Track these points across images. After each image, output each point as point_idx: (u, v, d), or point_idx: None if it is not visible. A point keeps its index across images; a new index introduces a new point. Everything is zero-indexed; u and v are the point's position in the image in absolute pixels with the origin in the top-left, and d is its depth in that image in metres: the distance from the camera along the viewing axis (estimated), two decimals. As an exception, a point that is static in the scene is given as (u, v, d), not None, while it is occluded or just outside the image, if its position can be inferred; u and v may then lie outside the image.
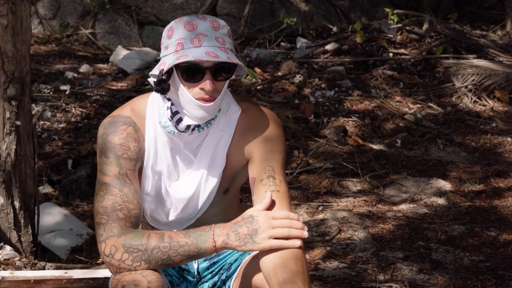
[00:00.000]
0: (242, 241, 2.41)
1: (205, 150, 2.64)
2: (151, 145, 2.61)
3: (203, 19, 2.51)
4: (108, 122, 2.62)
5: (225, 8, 9.23)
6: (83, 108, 6.40)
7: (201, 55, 2.42)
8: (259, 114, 2.69)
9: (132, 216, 2.49)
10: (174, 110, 2.54)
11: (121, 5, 9.25)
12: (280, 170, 2.63)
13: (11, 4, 3.62)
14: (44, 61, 7.94)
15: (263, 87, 7.18)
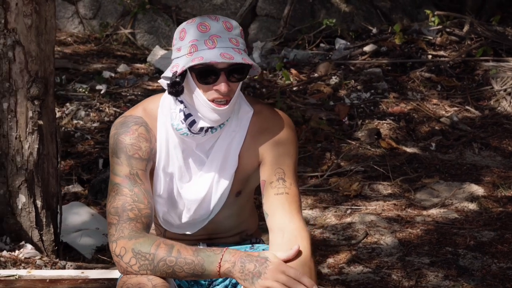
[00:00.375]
0: (244, 276, 2.37)
1: (217, 151, 2.61)
2: (162, 146, 2.60)
3: (216, 20, 2.49)
4: (120, 123, 2.62)
5: (265, 8, 9.20)
6: (117, 107, 6.43)
7: (215, 57, 2.40)
8: (272, 117, 2.66)
9: (143, 216, 2.47)
10: (187, 112, 2.52)
11: (161, 5, 9.28)
12: (291, 173, 2.60)
13: (35, 4, 3.64)
14: (83, 61, 7.99)
15: (298, 89, 7.14)
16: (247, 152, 2.62)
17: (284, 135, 2.64)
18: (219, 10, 9.23)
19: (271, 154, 2.61)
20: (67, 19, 9.10)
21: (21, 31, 3.62)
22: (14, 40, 3.62)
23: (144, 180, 2.54)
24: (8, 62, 3.63)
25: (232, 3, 9.28)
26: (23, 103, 3.65)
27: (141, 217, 2.46)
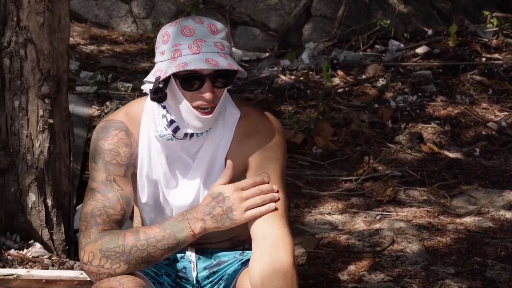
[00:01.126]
0: (220, 222, 2.36)
1: (204, 155, 2.55)
2: (144, 151, 2.55)
3: (200, 23, 2.41)
4: (101, 127, 2.58)
5: (320, 9, 9.09)
6: (157, 107, 6.40)
7: (200, 63, 2.33)
8: (259, 120, 2.59)
9: (112, 221, 2.43)
10: (169, 118, 2.46)
11: (214, 4, 9.24)
12: (276, 178, 2.52)
13: (48, 2, 3.62)
14: (131, 60, 8.01)
15: (343, 90, 7.01)
16: (234, 157, 2.55)
17: (271, 139, 2.56)
18: (273, 10, 9.15)
19: (257, 159, 2.54)
20: (120, 18, 9.14)
21: (33, 29, 3.61)
22: (26, 38, 3.60)
23: (123, 185, 2.50)
24: (19, 60, 3.62)
25: (286, 3, 9.18)
26: (35, 101, 3.64)
27: (110, 222, 2.42)
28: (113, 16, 9.11)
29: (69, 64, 7.36)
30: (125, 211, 2.47)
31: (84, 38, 8.42)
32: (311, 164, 5.66)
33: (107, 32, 8.79)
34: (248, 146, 2.54)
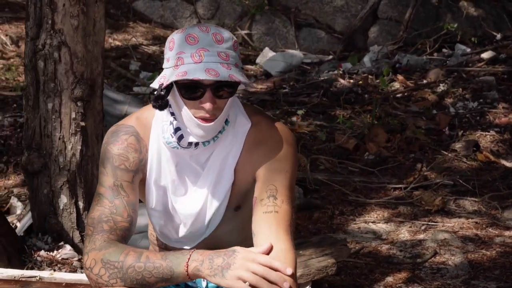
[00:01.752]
0: (213, 271, 2.24)
1: (213, 164, 2.49)
2: (154, 157, 2.51)
3: (206, 31, 2.34)
4: (111, 132, 2.55)
5: (386, 11, 8.95)
6: (210, 109, 6.38)
7: (199, 73, 2.26)
8: (269, 130, 2.51)
9: (119, 228, 2.39)
10: (176, 125, 2.41)
11: (280, 6, 9.20)
12: (284, 190, 2.44)
13: (82, 6, 3.63)
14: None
15: (402, 95, 6.88)
16: (243, 166, 2.49)
17: (280, 150, 2.48)
18: (339, 12, 9.06)
19: (265, 170, 2.46)
20: (185, 19, 9.18)
21: (67, 32, 3.63)
22: (60, 41, 3.62)
23: (129, 191, 2.45)
24: (53, 62, 3.64)
25: (353, 5, 9.08)
26: (68, 104, 3.65)
27: (116, 229, 2.38)
28: (177, 16, 9.15)
29: (130, 64, 7.48)
30: (132, 218, 2.43)
31: (147, 39, 8.47)
32: (361, 170, 5.57)
33: (170, 33, 8.79)
34: (256, 156, 2.47)
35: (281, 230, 2.37)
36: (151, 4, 9.23)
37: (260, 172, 2.46)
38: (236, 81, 2.29)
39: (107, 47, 8.11)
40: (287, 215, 2.40)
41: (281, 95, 6.86)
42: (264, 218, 2.38)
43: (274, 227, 2.36)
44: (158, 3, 9.22)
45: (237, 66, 2.34)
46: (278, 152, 2.46)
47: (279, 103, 6.68)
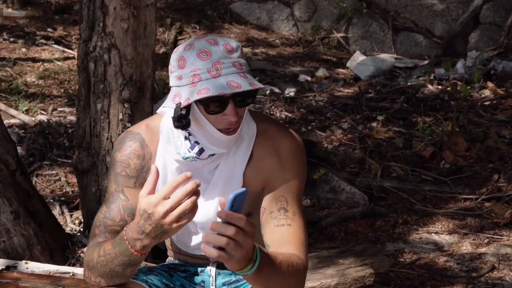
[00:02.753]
0: (158, 237, 2.11)
1: (221, 171, 2.50)
2: (159, 166, 2.52)
3: (215, 44, 2.34)
4: (119, 138, 2.59)
5: (489, 16, 8.71)
6: (289, 112, 6.38)
7: (222, 87, 2.25)
8: (277, 137, 2.50)
9: (108, 231, 2.42)
10: (193, 140, 2.42)
11: (379, 9, 9.10)
12: (294, 201, 2.42)
13: (133, 9, 3.70)
14: (284, 63, 8.04)
15: (491, 103, 6.68)
16: (251, 174, 2.48)
17: (289, 159, 2.46)
18: (439, 16, 8.88)
19: (274, 180, 2.45)
20: (281, 21, 9.20)
21: (117, 35, 3.70)
22: (110, 43, 3.70)
23: (130, 196, 2.48)
24: (103, 64, 3.72)
25: (453, 9, 8.89)
26: (116, 105, 3.73)
27: (106, 232, 2.41)
28: (274, 19, 9.18)
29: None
30: (125, 222, 2.43)
31: (240, 41, 8.54)
32: (434, 179, 5.44)
33: (265, 35, 8.88)
34: (265, 165, 2.46)
35: (296, 243, 2.35)
36: (248, 6, 9.30)
37: (269, 182, 2.45)
38: (257, 88, 2.29)
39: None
40: (300, 228, 2.38)
41: (364, 100, 6.78)
42: (277, 231, 2.37)
43: (290, 241, 2.35)
44: (255, 5, 9.28)
45: (249, 73, 2.34)
46: (287, 162, 2.45)
47: (361, 108, 6.61)
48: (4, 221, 3.52)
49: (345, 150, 5.85)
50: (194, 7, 9.27)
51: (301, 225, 2.37)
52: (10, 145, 3.56)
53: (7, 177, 3.50)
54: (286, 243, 2.35)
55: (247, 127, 2.49)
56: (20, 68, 7.28)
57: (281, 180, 2.43)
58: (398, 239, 4.63)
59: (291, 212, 2.38)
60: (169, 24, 8.72)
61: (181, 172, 2.46)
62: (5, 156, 3.51)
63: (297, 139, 2.52)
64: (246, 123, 2.49)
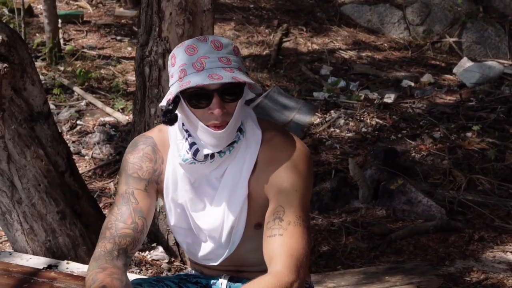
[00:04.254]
0: None
1: (228, 177, 2.47)
2: (170, 175, 2.53)
3: (204, 41, 2.34)
4: (132, 142, 2.61)
5: None
6: (381, 119, 6.24)
7: (203, 79, 2.26)
8: (282, 147, 2.44)
9: (118, 235, 2.42)
10: (191, 141, 2.42)
11: (496, 14, 8.78)
12: (292, 211, 2.34)
13: (188, 15, 3.70)
14: (388, 68, 7.88)
15: None
16: (256, 182, 2.44)
17: (291, 169, 2.40)
18: (560, 21, 8.48)
19: (274, 191, 2.40)
20: (392, 24, 9.02)
21: (172, 40, 3.71)
22: (165, 48, 3.72)
23: (140, 199, 2.48)
24: (158, 69, 3.74)
25: None
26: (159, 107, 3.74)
27: (115, 236, 2.40)
28: (385, 22, 9.01)
29: (321, 69, 7.47)
30: (137, 224, 2.44)
31: (346, 43, 8.43)
32: (526, 195, 5.20)
33: (373, 38, 8.72)
34: (268, 174, 2.40)
35: (283, 253, 2.27)
36: (359, 8, 9.17)
37: (270, 192, 2.40)
38: (240, 81, 2.25)
39: (302, 50, 8.19)
40: (292, 238, 2.29)
41: (463, 109, 6.55)
42: (269, 243, 2.30)
43: (277, 252, 2.28)
44: (367, 7, 9.14)
45: (240, 69, 2.31)
46: (289, 171, 2.39)
47: (457, 117, 6.38)
48: (50, 221, 3.59)
49: (433, 160, 5.67)
50: (304, 8, 9.22)
51: (296, 235, 2.27)
52: (61, 146, 3.63)
53: (55, 178, 3.58)
54: (275, 255, 2.26)
55: (252, 134, 2.44)
56: (123, 67, 7.45)
57: (280, 191, 2.37)
58: (469, 257, 4.44)
59: (285, 222, 2.30)
60: (276, 25, 8.71)
61: (192, 177, 2.45)
62: (55, 157, 3.59)
63: (300, 149, 2.44)
64: (252, 130, 2.45)
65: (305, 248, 2.29)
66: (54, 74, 7.23)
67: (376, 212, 4.98)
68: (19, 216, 3.58)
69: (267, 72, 7.50)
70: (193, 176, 2.47)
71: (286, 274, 2.21)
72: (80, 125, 6.18)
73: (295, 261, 2.24)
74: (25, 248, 3.65)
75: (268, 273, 2.23)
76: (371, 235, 4.69)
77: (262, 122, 2.50)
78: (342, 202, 5.08)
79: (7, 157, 3.47)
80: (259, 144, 2.43)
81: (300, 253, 2.26)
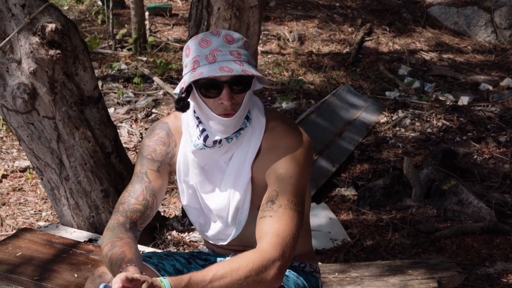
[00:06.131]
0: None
1: (235, 161, 2.64)
2: (181, 156, 2.72)
3: (217, 34, 2.54)
4: (151, 126, 2.82)
5: None
6: (448, 120, 6.27)
7: (214, 71, 2.46)
8: (282, 136, 2.59)
9: (130, 210, 2.62)
10: (201, 128, 2.61)
11: None
12: (285, 195, 2.48)
13: (235, 10, 3.88)
14: (469, 70, 7.85)
15: None
16: (258, 168, 2.60)
17: (288, 156, 2.55)
18: None
19: (272, 176, 2.56)
20: (479, 27, 8.96)
21: (219, 34, 3.90)
22: (212, 41, 3.91)
23: (153, 179, 2.69)
24: (205, 61, 3.94)
25: None
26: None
27: (127, 211, 2.61)
28: (471, 24, 8.96)
29: (400, 69, 7.52)
30: (147, 201, 2.63)
31: (429, 45, 8.44)
32: None
33: (457, 41, 8.68)
34: (268, 160, 2.55)
35: (271, 233, 2.41)
36: (446, 10, 9.14)
37: (268, 178, 2.55)
38: (249, 74, 2.44)
39: (383, 50, 8.24)
40: (280, 219, 2.42)
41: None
42: (260, 223, 2.45)
43: (264, 232, 2.43)
44: (454, 9, 9.11)
45: (249, 63, 2.49)
46: (286, 158, 2.53)
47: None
48: (94, 198, 3.85)
49: (495, 163, 5.67)
50: (390, 8, 9.26)
51: (285, 217, 2.41)
52: (109, 129, 3.88)
53: (101, 158, 3.82)
54: (263, 235, 2.40)
55: (257, 122, 2.61)
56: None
57: (276, 176, 2.52)
58: (511, 259, 4.46)
59: (277, 205, 2.44)
60: (359, 24, 8.79)
61: (201, 163, 2.63)
62: (102, 139, 3.84)
63: (300, 138, 2.58)
64: (257, 118, 2.61)
65: (293, 231, 2.42)
66: (137, 64, 7.54)
67: (426, 211, 5.04)
68: (66, 192, 3.85)
69: (344, 70, 7.60)
70: (204, 160, 2.66)
71: (269, 251, 2.36)
72: (155, 113, 6.45)
73: (281, 241, 2.38)
74: (71, 222, 3.91)
75: (254, 249, 2.39)
76: (417, 232, 4.76)
77: (268, 112, 2.66)
78: (394, 199, 5.16)
79: (57, 137, 3.73)
80: (263, 132, 2.60)
81: (286, 234, 2.39)
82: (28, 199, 5.09)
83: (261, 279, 2.34)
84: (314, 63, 7.78)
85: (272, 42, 8.37)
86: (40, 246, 3.59)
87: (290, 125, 2.62)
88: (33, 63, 3.59)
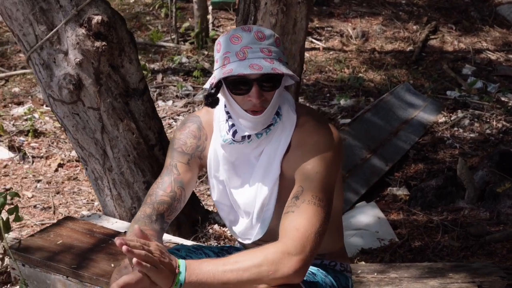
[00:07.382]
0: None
1: (264, 157, 2.64)
2: (212, 151, 2.72)
3: (248, 31, 2.53)
4: (183, 120, 2.84)
5: None
6: (509, 122, 6.13)
7: (244, 68, 2.45)
8: (312, 132, 2.58)
9: (157, 202, 2.64)
10: (231, 123, 2.61)
11: None
12: (310, 191, 2.47)
13: (282, 5, 3.87)
14: None
15: None
16: (287, 164, 2.60)
17: (316, 152, 2.53)
18: None
19: (299, 172, 2.54)
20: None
21: (266, 29, 3.89)
22: (258, 36, 3.90)
23: (182, 171, 2.70)
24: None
25: None
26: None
27: (155, 203, 2.63)
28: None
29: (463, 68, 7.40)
30: (175, 193, 2.64)
31: (495, 44, 8.26)
32: None
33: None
34: (297, 156, 2.54)
35: (292, 228, 2.38)
36: (514, 9, 8.96)
37: (296, 174, 2.54)
38: (279, 73, 2.42)
39: (448, 49, 8.11)
40: (303, 214, 2.40)
41: None
42: (283, 219, 2.43)
43: (286, 227, 2.41)
44: (524, 8, 8.91)
45: (280, 60, 2.48)
46: (313, 154, 2.51)
47: None
48: (136, 189, 3.88)
49: (555, 167, 5.52)
50: (458, 7, 9.10)
51: (307, 213, 2.39)
52: (153, 121, 3.91)
53: (145, 150, 3.86)
54: (285, 229, 2.38)
55: (287, 118, 2.60)
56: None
57: (303, 172, 2.50)
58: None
59: (300, 200, 2.42)
60: (425, 22, 8.66)
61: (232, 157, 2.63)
62: (146, 132, 3.87)
63: (330, 134, 2.55)
64: (288, 114, 2.60)
65: (316, 226, 2.39)
66: (198, 58, 7.58)
67: (479, 214, 4.94)
68: (109, 183, 3.89)
69: (406, 68, 7.50)
70: (234, 155, 2.66)
71: (288, 245, 2.34)
72: (212, 107, 6.46)
73: (300, 235, 2.35)
74: (113, 213, 3.96)
75: (274, 242, 2.37)
76: (467, 235, 4.68)
77: (299, 108, 2.64)
78: (447, 200, 5.08)
79: (101, 128, 3.78)
80: (293, 128, 2.58)
81: (307, 229, 2.37)
82: (82, 188, 5.18)
83: (276, 270, 2.30)
84: (376, 61, 7.70)
85: (335, 39, 8.31)
86: (80, 235, 3.64)
87: (319, 121, 2.60)
88: (79, 54, 3.64)
